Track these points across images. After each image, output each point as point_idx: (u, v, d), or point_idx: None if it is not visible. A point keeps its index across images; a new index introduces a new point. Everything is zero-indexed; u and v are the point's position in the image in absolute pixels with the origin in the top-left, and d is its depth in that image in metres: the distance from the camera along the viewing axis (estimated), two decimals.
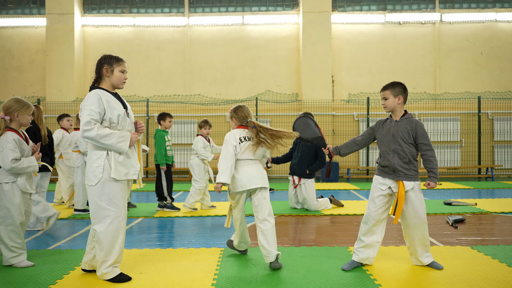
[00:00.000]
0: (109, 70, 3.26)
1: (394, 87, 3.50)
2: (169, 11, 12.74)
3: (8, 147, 3.47)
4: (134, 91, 12.51)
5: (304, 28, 12.04)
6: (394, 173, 3.46)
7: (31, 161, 3.59)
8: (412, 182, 3.44)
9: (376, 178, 3.58)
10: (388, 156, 3.48)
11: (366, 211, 3.57)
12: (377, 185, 3.55)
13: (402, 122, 3.49)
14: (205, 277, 3.33)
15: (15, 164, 3.46)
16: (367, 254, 3.55)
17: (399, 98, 3.48)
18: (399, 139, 3.45)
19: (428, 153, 3.43)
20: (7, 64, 12.71)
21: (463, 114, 12.24)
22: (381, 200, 3.51)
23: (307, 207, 6.41)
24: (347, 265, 3.56)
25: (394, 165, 3.44)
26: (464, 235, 4.85)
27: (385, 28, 12.54)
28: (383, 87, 3.57)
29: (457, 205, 6.71)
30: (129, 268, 3.57)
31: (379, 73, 12.50)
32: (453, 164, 12.18)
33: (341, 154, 3.74)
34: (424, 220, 3.45)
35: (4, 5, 12.76)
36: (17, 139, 3.56)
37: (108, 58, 3.28)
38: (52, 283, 3.20)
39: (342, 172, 12.27)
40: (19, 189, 3.55)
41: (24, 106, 3.64)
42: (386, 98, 3.51)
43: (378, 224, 3.52)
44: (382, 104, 3.56)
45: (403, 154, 3.43)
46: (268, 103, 12.38)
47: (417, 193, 3.45)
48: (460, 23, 12.50)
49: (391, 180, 3.49)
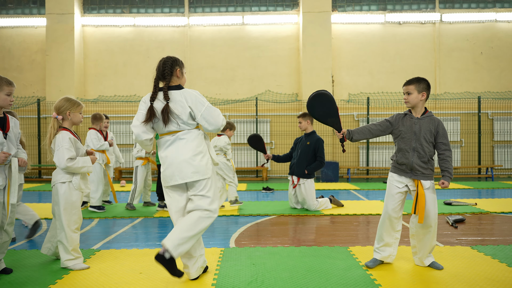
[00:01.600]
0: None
1: (419, 82, 3.43)
2: (169, 11, 12.74)
3: (64, 146, 3.47)
4: (134, 91, 12.51)
5: (304, 28, 12.04)
6: (411, 172, 3.43)
7: (86, 161, 3.58)
8: (429, 181, 3.42)
9: (392, 175, 3.54)
10: (407, 154, 3.43)
11: (384, 209, 3.53)
12: (393, 183, 3.51)
13: (425, 120, 3.43)
14: (205, 277, 3.32)
15: (70, 163, 3.46)
16: (389, 252, 3.54)
17: (423, 94, 3.41)
18: (421, 138, 3.40)
19: (446, 152, 3.41)
20: (7, 64, 12.71)
21: (463, 114, 12.25)
22: (399, 197, 3.48)
23: (307, 207, 6.41)
24: (371, 262, 3.56)
25: (412, 163, 3.41)
26: (464, 235, 4.85)
27: (385, 28, 12.54)
28: (407, 81, 3.48)
29: (457, 205, 6.72)
30: (129, 268, 3.58)
31: (379, 73, 12.51)
32: (453, 164, 12.15)
33: (353, 139, 3.54)
34: (436, 220, 3.44)
35: (4, 5, 12.75)
36: (72, 138, 3.55)
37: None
38: (52, 283, 3.20)
39: (342, 172, 12.27)
40: (75, 189, 3.54)
41: (75, 104, 3.64)
42: (410, 93, 3.43)
43: (397, 221, 3.50)
44: (404, 98, 3.47)
45: (423, 153, 3.40)
46: (268, 103, 12.38)
47: (432, 193, 3.44)
48: (460, 23, 12.50)
49: (408, 179, 3.46)
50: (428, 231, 3.43)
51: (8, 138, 3.33)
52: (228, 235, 4.89)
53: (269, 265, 3.65)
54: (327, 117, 3.53)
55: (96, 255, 3.99)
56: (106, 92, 12.60)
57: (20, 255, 3.98)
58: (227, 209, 6.50)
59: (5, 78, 3.34)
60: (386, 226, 3.52)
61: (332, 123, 3.55)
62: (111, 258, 3.89)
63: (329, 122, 3.55)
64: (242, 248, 4.25)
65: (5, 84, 3.30)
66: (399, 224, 3.54)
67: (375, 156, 12.18)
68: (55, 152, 3.51)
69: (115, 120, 12.27)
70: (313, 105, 3.54)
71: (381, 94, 12.31)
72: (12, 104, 3.39)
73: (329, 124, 3.56)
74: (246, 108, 12.43)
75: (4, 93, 3.30)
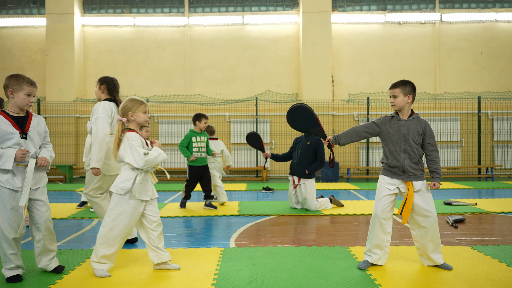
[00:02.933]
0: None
1: (404, 85, 3.45)
2: (169, 11, 12.74)
3: (135, 144, 3.34)
4: (134, 91, 12.51)
5: (304, 28, 12.04)
6: (404, 174, 3.44)
7: (155, 149, 3.42)
8: (420, 181, 3.43)
9: (383, 178, 3.55)
10: (398, 157, 3.44)
11: (374, 211, 3.54)
12: (384, 185, 3.52)
13: (412, 122, 3.45)
14: (205, 277, 3.33)
15: (147, 157, 3.31)
16: (379, 254, 3.54)
17: (409, 97, 3.44)
18: (410, 139, 3.41)
19: (434, 153, 3.43)
20: (7, 64, 12.71)
21: (463, 114, 12.25)
22: (388, 199, 3.49)
23: (307, 207, 6.40)
24: (363, 264, 3.56)
25: (404, 165, 3.42)
26: (464, 235, 4.85)
27: (385, 28, 12.54)
28: (392, 84, 3.51)
29: (457, 205, 6.71)
30: (129, 268, 3.58)
31: (379, 73, 12.51)
32: (453, 164, 12.18)
33: (340, 143, 3.57)
34: (436, 218, 3.44)
35: (4, 5, 12.75)
36: (139, 137, 3.42)
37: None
38: (52, 283, 3.20)
39: (342, 172, 12.27)
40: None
41: (136, 104, 3.45)
42: (396, 96, 3.45)
43: (386, 223, 3.51)
44: (391, 102, 3.49)
45: (413, 154, 3.41)
46: (268, 103, 12.38)
47: (426, 192, 3.44)
48: (460, 23, 12.50)
49: (399, 181, 3.47)
50: (431, 229, 3.42)
51: (28, 137, 3.25)
52: (228, 235, 4.89)
53: (269, 265, 3.65)
54: (309, 128, 3.66)
55: None
56: None
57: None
58: (227, 209, 6.50)
59: (28, 78, 3.28)
60: (376, 228, 3.52)
61: (315, 132, 3.66)
62: None
63: (312, 132, 3.67)
64: (242, 248, 4.25)
65: (25, 84, 3.25)
66: (389, 225, 3.53)
67: (375, 156, 12.18)
68: (128, 153, 3.33)
69: None
70: (291, 119, 3.70)
71: (381, 94, 12.31)
72: (32, 105, 3.32)
73: (313, 134, 3.67)
74: (246, 108, 12.43)
75: (24, 92, 3.25)
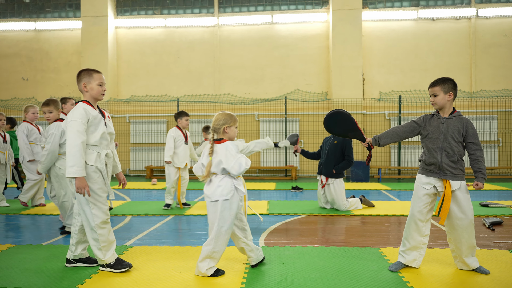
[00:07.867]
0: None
1: (444, 83, 3.37)
2: (199, 11, 12.89)
3: (236, 151, 3.28)
4: (165, 91, 12.73)
5: (334, 26, 11.91)
6: (440, 172, 3.35)
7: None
8: (459, 181, 3.33)
9: (420, 177, 3.47)
10: (435, 154, 3.36)
11: (410, 211, 3.47)
12: (420, 185, 3.44)
13: (452, 119, 3.37)
14: (234, 275, 3.34)
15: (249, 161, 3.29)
16: (413, 256, 3.46)
17: (449, 94, 3.35)
18: (448, 137, 3.33)
19: (477, 153, 3.33)
20: (44, 66, 13.21)
21: (500, 113, 11.80)
22: (426, 199, 3.40)
23: (336, 207, 6.33)
24: (394, 266, 3.49)
25: (441, 163, 3.33)
26: (501, 238, 4.67)
27: (418, 24, 12.23)
28: (432, 82, 3.43)
29: (494, 206, 6.48)
30: (160, 264, 3.64)
31: (411, 70, 12.21)
32: (490, 165, 11.75)
33: (381, 144, 3.52)
34: (472, 221, 3.33)
35: (42, 9, 13.25)
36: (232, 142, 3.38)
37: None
38: (81, 283, 3.22)
39: (373, 172, 12.06)
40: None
41: (231, 118, 3.36)
42: (436, 94, 3.38)
43: (424, 225, 3.42)
44: (431, 100, 3.42)
45: (451, 152, 3.33)
46: (297, 102, 12.32)
47: (464, 193, 3.33)
48: (497, 17, 12.03)
49: (436, 179, 3.38)
50: (466, 232, 3.31)
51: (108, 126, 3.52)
52: (257, 234, 4.90)
53: (298, 265, 3.64)
54: (347, 133, 3.62)
55: (129, 251, 4.08)
56: (138, 92, 12.88)
57: (56, 250, 4.12)
58: (256, 208, 6.51)
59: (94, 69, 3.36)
60: (412, 229, 3.44)
61: (354, 136, 3.62)
62: (143, 254, 3.97)
63: (351, 136, 3.64)
64: (271, 247, 4.25)
65: (94, 72, 3.30)
66: (427, 228, 3.43)
67: (407, 156, 11.91)
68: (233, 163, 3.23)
69: (146, 120, 12.53)
70: (329, 126, 3.67)
71: (414, 92, 12.02)
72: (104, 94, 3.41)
73: (351, 138, 3.64)
74: (275, 107, 12.42)
75: (96, 82, 3.30)
